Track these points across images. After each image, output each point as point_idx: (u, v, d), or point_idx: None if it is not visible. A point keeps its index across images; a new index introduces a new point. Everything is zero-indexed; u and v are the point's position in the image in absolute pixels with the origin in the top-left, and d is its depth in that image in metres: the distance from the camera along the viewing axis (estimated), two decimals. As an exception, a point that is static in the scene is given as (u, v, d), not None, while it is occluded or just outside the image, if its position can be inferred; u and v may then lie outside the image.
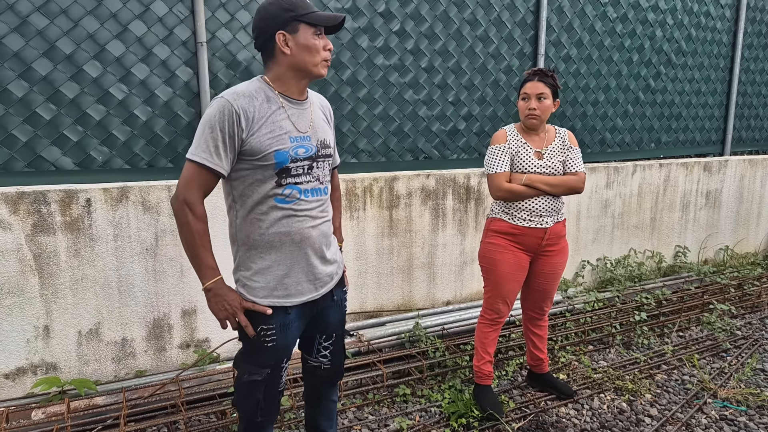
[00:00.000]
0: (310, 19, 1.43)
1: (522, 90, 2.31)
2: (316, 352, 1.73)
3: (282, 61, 1.46)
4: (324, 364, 1.74)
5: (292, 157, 1.46)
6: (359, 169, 3.19)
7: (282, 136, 1.45)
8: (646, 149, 4.35)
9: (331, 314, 1.70)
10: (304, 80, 1.51)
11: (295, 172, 1.48)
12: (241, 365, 1.56)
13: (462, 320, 3.21)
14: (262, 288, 1.51)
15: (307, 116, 1.54)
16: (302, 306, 1.57)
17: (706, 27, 4.38)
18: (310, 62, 1.46)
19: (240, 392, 1.58)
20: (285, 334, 1.54)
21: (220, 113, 1.40)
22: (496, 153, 2.32)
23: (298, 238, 1.52)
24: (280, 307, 1.52)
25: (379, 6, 3.10)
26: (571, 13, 3.74)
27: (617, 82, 4.05)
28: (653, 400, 2.61)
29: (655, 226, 4.34)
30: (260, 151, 1.42)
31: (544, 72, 2.29)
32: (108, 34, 2.50)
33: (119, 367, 2.62)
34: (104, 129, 2.56)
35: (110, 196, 2.48)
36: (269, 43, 1.46)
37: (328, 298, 1.66)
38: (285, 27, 1.43)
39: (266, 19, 1.44)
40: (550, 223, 2.32)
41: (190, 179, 1.43)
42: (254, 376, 1.54)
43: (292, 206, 1.49)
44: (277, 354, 1.55)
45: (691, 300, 3.78)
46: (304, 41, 1.44)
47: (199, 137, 1.42)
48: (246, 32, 2.79)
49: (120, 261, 2.53)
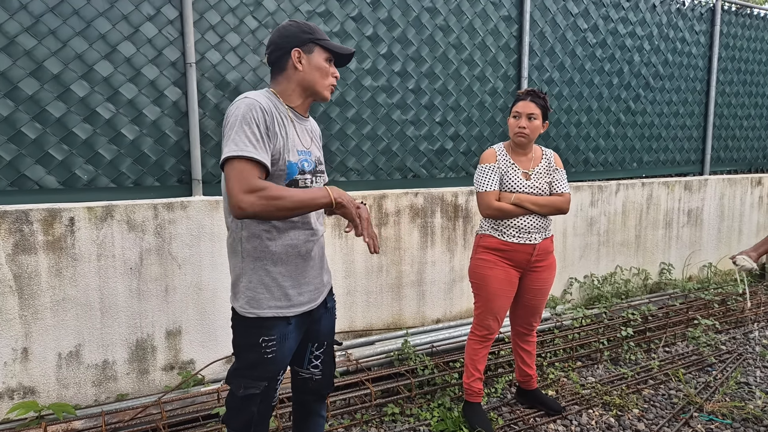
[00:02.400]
0: (325, 44, 1.54)
1: (514, 108, 2.36)
2: (307, 363, 1.72)
3: (293, 77, 1.53)
4: (315, 375, 1.74)
5: (300, 169, 1.50)
6: (348, 188, 3.21)
7: (292, 147, 1.49)
8: (629, 168, 4.45)
9: (324, 322, 1.71)
10: (309, 99, 1.58)
11: (302, 185, 1.51)
12: (237, 380, 1.55)
13: (451, 338, 3.19)
14: (267, 299, 1.51)
15: (308, 133, 1.61)
16: (301, 316, 1.58)
17: (682, 52, 4.54)
18: (320, 83, 1.54)
19: (233, 408, 1.56)
20: (284, 345, 1.54)
21: (253, 110, 1.39)
22: (485, 172, 2.35)
23: (304, 251, 1.55)
24: (282, 317, 1.53)
25: (366, 30, 3.18)
26: (552, 38, 3.86)
27: (599, 104, 4.17)
28: (641, 415, 2.61)
29: (640, 244, 4.41)
30: (275, 156, 1.44)
31: (537, 93, 2.35)
32: (96, 54, 2.52)
33: (100, 390, 2.55)
34: (90, 148, 2.55)
35: (94, 215, 2.46)
36: (283, 58, 1.52)
37: (322, 306, 1.68)
38: (302, 46, 1.52)
39: (285, 36, 1.52)
40: (539, 240, 2.35)
41: (240, 174, 1.33)
42: (251, 390, 1.53)
43: (299, 220, 1.52)
44: (276, 366, 1.55)
45: (677, 316, 3.81)
46: (317, 62, 1.53)
47: (235, 136, 1.36)
48: (236, 54, 2.83)
49: (103, 281, 2.50)
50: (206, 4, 2.73)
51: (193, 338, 2.73)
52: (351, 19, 3.12)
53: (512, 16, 3.67)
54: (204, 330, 2.75)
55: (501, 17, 3.63)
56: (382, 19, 3.22)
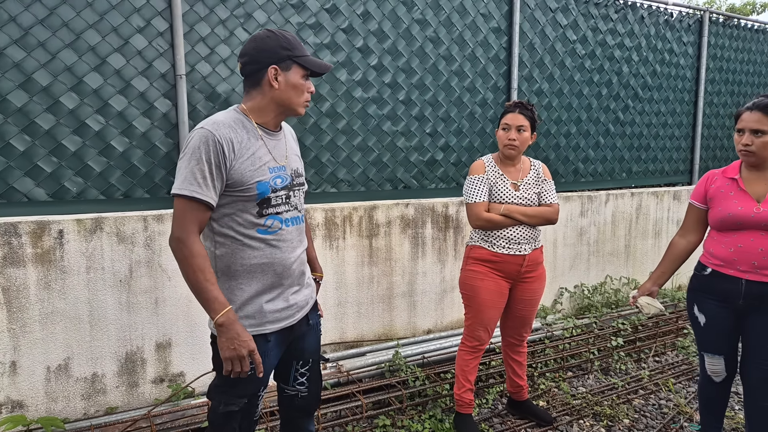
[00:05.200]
0: (304, 62, 1.49)
1: (503, 120, 2.38)
2: (293, 380, 1.71)
3: (267, 93, 1.49)
4: (301, 392, 1.72)
5: (272, 188, 1.47)
6: (339, 199, 3.22)
7: (262, 167, 1.46)
8: (618, 179, 4.49)
9: (307, 339, 1.69)
10: (282, 115, 1.55)
11: (275, 202, 1.49)
12: (217, 396, 1.53)
13: (443, 348, 3.19)
14: (243, 317, 1.49)
15: (282, 147, 1.57)
16: (280, 332, 1.56)
17: (670, 63, 4.61)
18: (295, 101, 1.51)
19: (216, 424, 1.54)
20: (263, 362, 1.52)
21: (204, 144, 1.38)
22: (474, 183, 2.37)
23: (280, 269, 1.53)
24: (260, 335, 1.51)
25: (357, 41, 3.20)
26: (541, 50, 3.90)
27: (588, 114, 4.21)
28: (631, 425, 2.62)
29: (630, 253, 4.44)
30: (242, 182, 1.43)
31: (525, 105, 2.37)
32: (86, 66, 2.52)
33: (89, 404, 2.53)
34: (80, 160, 2.55)
35: (84, 227, 2.45)
36: (259, 73, 1.47)
37: (304, 323, 1.66)
38: (279, 63, 1.46)
39: (262, 50, 1.46)
40: (528, 250, 2.37)
41: (182, 216, 1.39)
42: (231, 407, 1.51)
43: (274, 237, 1.50)
44: (256, 383, 1.53)
45: (666, 325, 3.84)
46: (293, 80, 1.48)
47: (184, 170, 1.38)
48: (226, 65, 2.84)
49: (92, 293, 2.48)
50: (196, 16, 2.74)
51: (183, 351, 2.71)
52: (341, 30, 3.15)
53: (502, 27, 3.72)
54: (194, 342, 2.74)
55: (491, 29, 3.67)
56: (372, 31, 3.24)
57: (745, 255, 1.95)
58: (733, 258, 1.98)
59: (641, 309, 2.21)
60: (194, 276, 1.39)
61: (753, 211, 1.93)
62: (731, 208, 1.98)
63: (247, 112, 1.50)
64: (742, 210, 1.95)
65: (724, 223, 1.99)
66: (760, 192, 1.96)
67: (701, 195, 2.13)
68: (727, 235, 2.01)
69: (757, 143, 1.92)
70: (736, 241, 1.97)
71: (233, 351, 1.40)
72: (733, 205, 1.98)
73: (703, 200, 2.13)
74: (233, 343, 1.40)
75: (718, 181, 2.09)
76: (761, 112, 1.91)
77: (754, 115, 1.92)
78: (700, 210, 2.15)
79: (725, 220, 1.99)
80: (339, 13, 3.13)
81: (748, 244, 1.94)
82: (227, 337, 1.39)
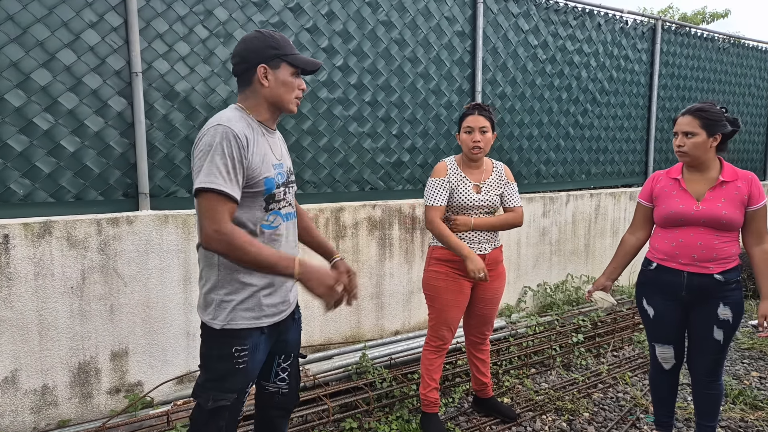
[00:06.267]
0: (292, 60, 1.53)
1: (464, 124, 2.39)
2: (274, 375, 1.73)
3: (259, 92, 1.53)
4: (282, 388, 1.74)
5: (277, 183, 1.53)
6: (305, 200, 3.18)
7: (267, 163, 1.51)
8: (578, 180, 4.63)
9: (291, 333, 1.72)
10: (276, 113, 1.59)
11: (278, 197, 1.55)
12: (205, 393, 1.53)
13: (410, 349, 3.20)
14: (243, 309, 1.51)
15: (279, 145, 1.64)
16: (272, 326, 1.59)
17: (626, 69, 4.79)
18: (286, 98, 1.55)
19: (201, 422, 1.54)
20: (255, 355, 1.55)
21: (226, 139, 1.40)
22: (435, 186, 2.39)
23: None
24: (255, 328, 1.53)
25: (321, 42, 3.17)
26: (504, 54, 3.98)
27: (549, 118, 4.32)
28: (591, 418, 2.70)
29: (589, 252, 4.58)
30: (252, 177, 1.46)
31: (482, 106, 2.40)
32: (33, 62, 2.39)
33: (39, 417, 2.40)
34: (27, 160, 2.41)
35: (31, 232, 2.32)
36: (249, 73, 1.52)
37: (290, 317, 1.69)
38: (268, 62, 1.51)
39: (251, 50, 1.51)
40: (489, 249, 2.40)
41: (212, 210, 1.38)
42: (221, 402, 1.52)
43: (274, 232, 1.55)
44: (246, 376, 1.54)
45: (624, 321, 3.98)
46: (283, 78, 1.53)
47: (207, 166, 1.38)
48: (185, 63, 2.76)
49: (41, 301, 2.35)
50: (153, 11, 2.65)
51: (141, 359, 2.61)
52: (306, 30, 3.11)
53: (466, 31, 3.76)
54: (152, 350, 2.64)
55: (455, 32, 3.71)
56: (337, 32, 3.22)
57: (686, 249, 2.08)
58: (675, 252, 2.11)
59: (596, 303, 2.31)
60: (250, 255, 1.38)
61: (693, 209, 2.07)
62: (674, 205, 2.11)
63: (248, 110, 1.55)
64: (684, 208, 2.08)
65: (667, 219, 2.12)
66: (699, 191, 2.10)
67: (648, 194, 2.26)
68: (670, 231, 2.13)
69: (688, 144, 2.07)
70: (678, 236, 2.10)
71: (325, 287, 1.44)
72: (676, 203, 2.11)
73: (649, 199, 2.26)
74: (320, 277, 1.43)
75: (662, 181, 2.22)
76: (691, 116, 2.07)
77: (686, 119, 2.09)
78: (647, 208, 2.27)
79: (668, 216, 2.11)
80: (303, 12, 3.09)
81: (689, 239, 2.07)
82: (312, 277, 1.43)
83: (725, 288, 2.06)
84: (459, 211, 2.39)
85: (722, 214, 2.02)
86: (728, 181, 2.06)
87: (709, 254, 2.04)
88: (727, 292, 2.07)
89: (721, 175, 2.08)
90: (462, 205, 2.38)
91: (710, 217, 2.03)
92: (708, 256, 2.05)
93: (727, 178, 2.07)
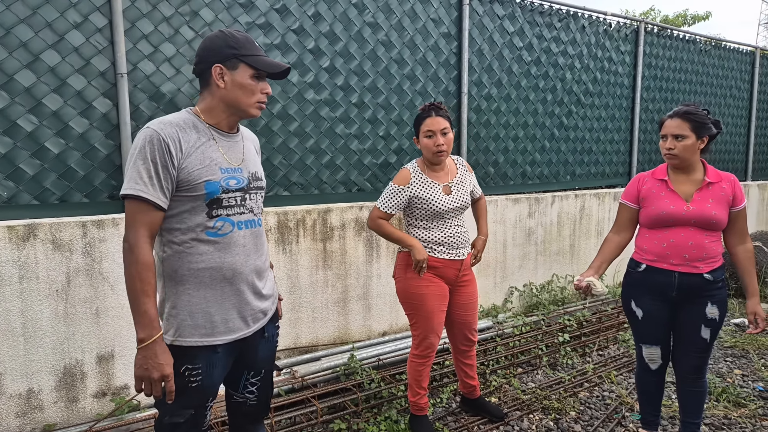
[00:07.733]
0: (250, 62, 1.45)
1: (423, 128, 2.28)
2: (242, 388, 1.66)
3: (215, 93, 1.46)
4: (250, 400, 1.68)
5: (223, 188, 1.44)
6: (292, 202, 3.18)
7: (212, 166, 1.43)
8: (563, 181, 4.69)
9: (261, 350, 1.64)
10: (234, 116, 1.51)
11: (227, 203, 1.46)
12: (163, 406, 1.47)
13: (398, 350, 3.22)
14: (190, 326, 1.43)
15: (238, 149, 1.53)
16: (231, 343, 1.51)
17: (609, 71, 4.86)
18: (244, 101, 1.47)
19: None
20: (211, 373, 1.47)
21: (149, 143, 1.35)
22: (393, 193, 2.32)
23: (230, 274, 1.48)
24: (207, 346, 1.46)
25: (308, 43, 3.18)
26: (490, 56, 4.02)
27: (534, 119, 4.37)
28: (577, 417, 2.74)
29: (574, 252, 4.64)
30: (189, 181, 1.40)
31: (439, 106, 2.32)
32: (17, 63, 2.37)
33: (24, 421, 2.37)
34: (10, 162, 2.39)
35: (15, 234, 2.29)
36: (206, 73, 1.46)
37: (259, 334, 1.61)
38: (224, 62, 1.44)
39: (209, 49, 1.45)
40: (464, 255, 2.41)
41: (131, 218, 1.36)
42: (176, 418, 1.46)
43: (224, 239, 1.45)
44: (203, 394, 1.48)
45: (609, 320, 4.04)
46: (240, 80, 1.45)
47: (131, 171, 1.36)
48: (171, 64, 2.75)
49: (26, 304, 2.33)
50: (138, 12, 2.64)
51: (128, 362, 2.59)
52: (292, 32, 3.12)
53: (452, 33, 3.80)
54: (139, 353, 2.62)
55: (441, 34, 3.74)
56: (323, 33, 3.23)
57: (677, 249, 2.10)
58: (666, 252, 2.13)
59: (590, 287, 2.15)
60: (133, 284, 1.34)
61: (683, 209, 2.10)
62: (664, 206, 2.13)
63: (199, 113, 1.48)
64: (674, 208, 2.11)
65: (658, 220, 2.14)
66: (687, 192, 2.13)
67: (634, 195, 2.27)
68: (659, 231, 2.15)
69: (678, 147, 2.09)
70: (668, 237, 2.12)
71: (145, 371, 1.34)
72: (665, 204, 2.13)
73: (635, 200, 2.27)
74: (147, 362, 1.33)
75: (648, 182, 2.24)
76: (681, 119, 2.09)
77: (675, 122, 2.10)
78: (632, 209, 2.28)
79: (659, 217, 2.13)
80: (289, 13, 3.10)
81: (680, 239, 2.10)
82: (143, 355, 1.33)
83: (713, 287, 2.10)
84: (433, 218, 2.33)
85: (712, 214, 2.06)
86: (714, 182, 2.11)
87: (700, 253, 2.08)
88: (715, 291, 2.10)
89: (706, 176, 2.12)
90: (436, 211, 2.31)
91: (701, 218, 2.07)
92: (698, 256, 2.08)
93: (712, 179, 2.11)
